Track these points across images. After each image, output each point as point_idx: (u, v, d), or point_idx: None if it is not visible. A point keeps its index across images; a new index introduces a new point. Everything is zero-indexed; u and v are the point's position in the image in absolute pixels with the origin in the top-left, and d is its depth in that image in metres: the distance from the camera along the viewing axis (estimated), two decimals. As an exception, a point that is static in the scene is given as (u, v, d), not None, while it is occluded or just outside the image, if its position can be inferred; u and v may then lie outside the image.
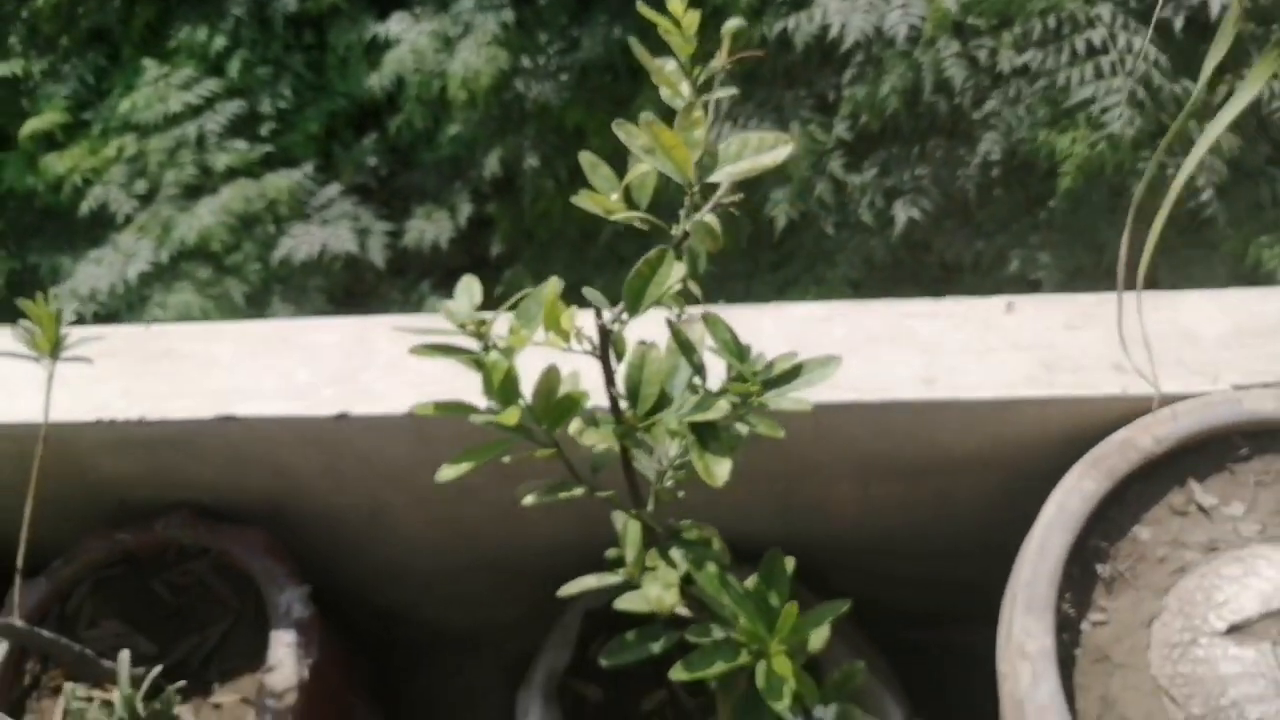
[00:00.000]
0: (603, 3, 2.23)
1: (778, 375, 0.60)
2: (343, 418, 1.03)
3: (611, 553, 0.79)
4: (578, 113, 2.16)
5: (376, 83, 2.48)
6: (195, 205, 2.65)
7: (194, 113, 2.66)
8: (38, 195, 2.90)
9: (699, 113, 0.61)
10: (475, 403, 0.87)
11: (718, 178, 0.59)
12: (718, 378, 0.70)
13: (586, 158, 0.65)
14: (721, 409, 0.60)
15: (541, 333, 0.62)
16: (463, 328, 0.68)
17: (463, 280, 0.71)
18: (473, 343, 0.67)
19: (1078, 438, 0.99)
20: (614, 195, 0.64)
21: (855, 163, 1.92)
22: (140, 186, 2.75)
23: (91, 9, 2.72)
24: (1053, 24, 1.63)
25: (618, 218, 0.62)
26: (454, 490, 1.16)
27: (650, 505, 0.72)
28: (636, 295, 0.59)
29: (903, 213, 1.76)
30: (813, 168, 1.83)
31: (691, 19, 0.61)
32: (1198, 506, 0.93)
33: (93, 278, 2.51)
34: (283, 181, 2.65)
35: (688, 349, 0.61)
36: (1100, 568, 0.91)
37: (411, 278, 2.74)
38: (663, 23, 0.60)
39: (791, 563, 0.70)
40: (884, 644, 1.24)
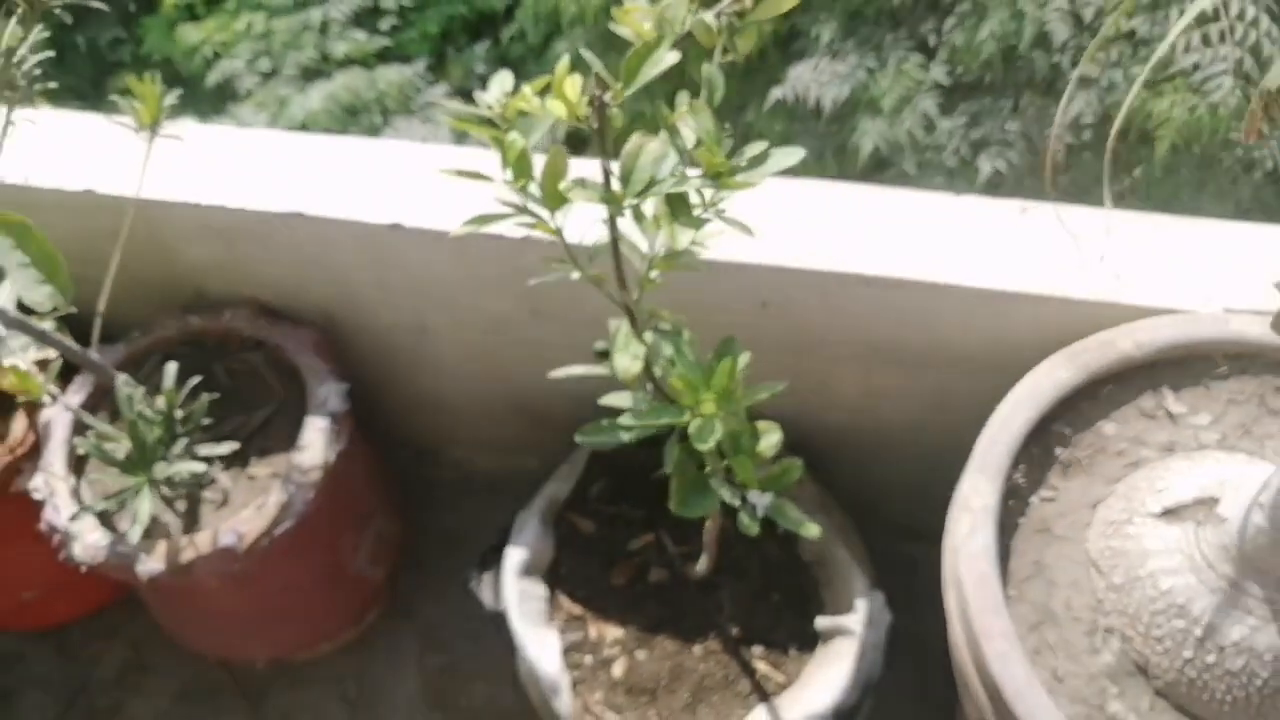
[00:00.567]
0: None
1: (748, 161, 0.68)
2: (396, 227, 1.14)
3: (598, 345, 0.87)
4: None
5: (498, -9, 2.60)
6: (310, 88, 2.81)
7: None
8: (174, 62, 3.10)
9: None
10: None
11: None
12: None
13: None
14: (694, 183, 0.68)
15: (554, 105, 0.70)
16: (490, 109, 0.77)
17: (498, 73, 0.80)
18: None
19: (1066, 344, 1.04)
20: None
21: (948, 107, 1.95)
22: (264, 64, 2.92)
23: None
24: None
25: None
26: (489, 321, 1.27)
27: (636, 294, 0.80)
28: (632, 73, 0.67)
29: (987, 164, 1.80)
30: (904, 101, 1.87)
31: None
32: (1166, 412, 0.97)
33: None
34: (393, 75, 2.79)
35: (674, 133, 0.69)
36: (1060, 451, 0.96)
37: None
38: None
39: (747, 356, 0.77)
40: (878, 555, 1.28)
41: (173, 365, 1.00)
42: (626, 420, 0.82)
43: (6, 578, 1.45)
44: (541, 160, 0.74)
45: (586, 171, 0.76)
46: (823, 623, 1.16)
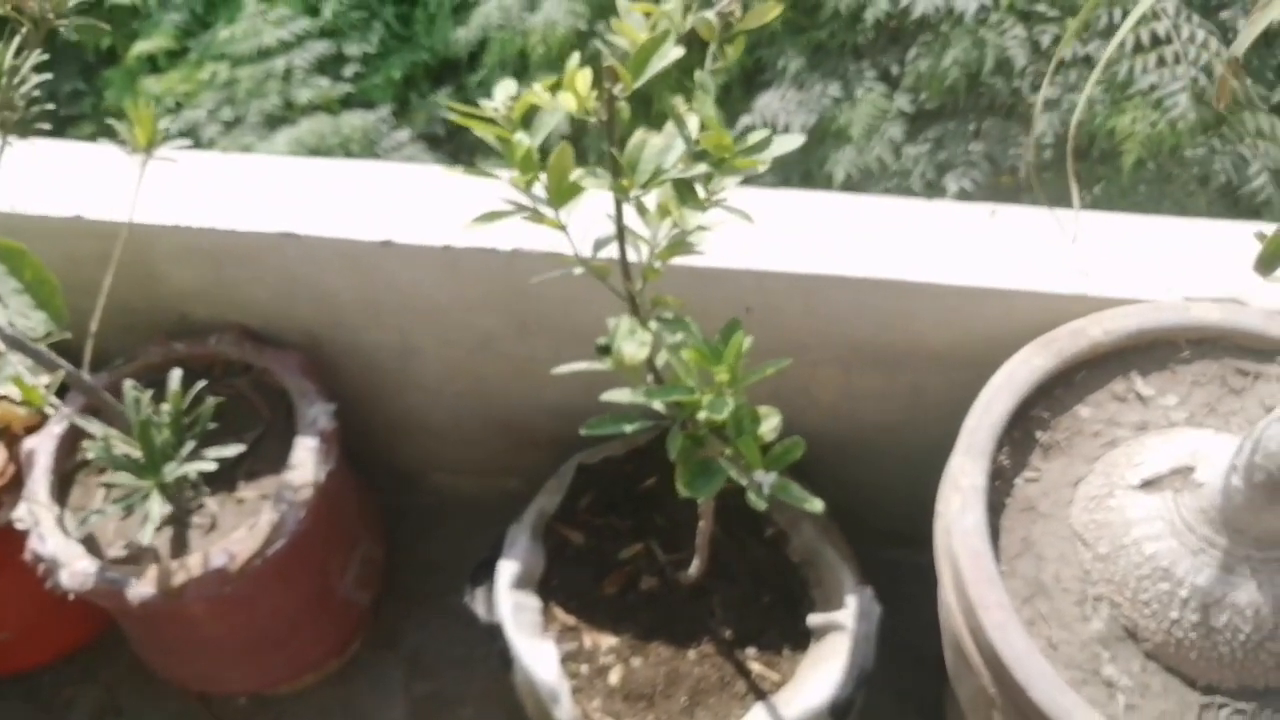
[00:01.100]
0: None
1: (750, 145, 0.72)
2: (387, 244, 1.16)
3: (601, 340, 0.90)
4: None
5: (463, 37, 2.64)
6: (275, 134, 2.83)
7: (285, 48, 2.85)
8: (134, 114, 3.10)
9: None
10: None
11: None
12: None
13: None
14: (700, 169, 0.71)
15: (565, 98, 0.74)
16: (496, 111, 0.81)
17: (502, 82, 0.84)
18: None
19: (1040, 335, 1.09)
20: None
21: (913, 133, 2.02)
22: (227, 113, 2.93)
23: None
24: (1118, 16, 1.74)
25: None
26: (477, 338, 1.29)
27: (639, 284, 0.83)
28: (640, 65, 0.71)
29: (954, 184, 1.87)
30: (872, 130, 1.94)
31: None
32: (1136, 395, 1.02)
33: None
34: (357, 121, 2.82)
35: (680, 123, 0.73)
36: (1040, 434, 1.01)
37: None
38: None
39: (749, 340, 0.81)
40: (862, 560, 1.31)
41: (177, 372, 1.01)
42: (637, 399, 0.84)
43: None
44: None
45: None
46: (815, 620, 1.18)
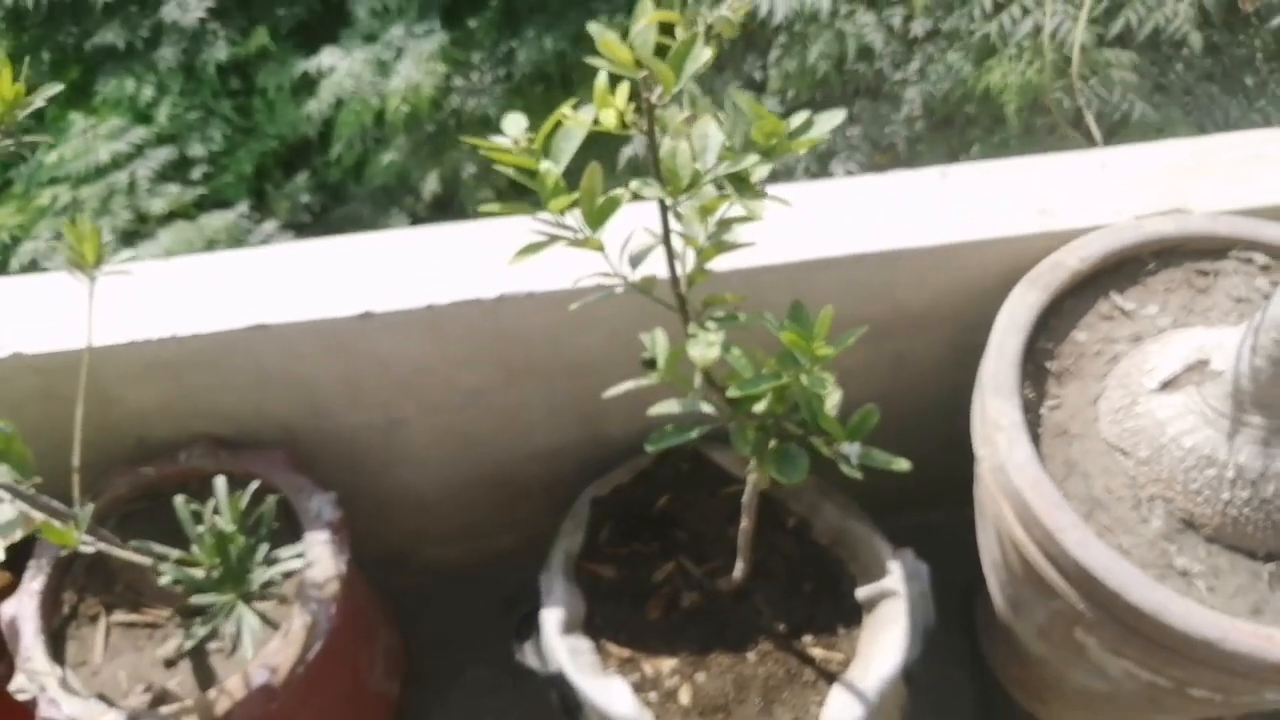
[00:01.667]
0: (532, 18, 2.39)
1: (797, 128, 0.74)
2: (366, 316, 1.13)
3: (645, 354, 0.90)
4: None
5: (314, 109, 2.58)
6: (133, 250, 2.69)
7: (126, 160, 2.71)
8: (-37, 259, 2.89)
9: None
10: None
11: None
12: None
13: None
14: (751, 158, 0.73)
15: (606, 114, 0.74)
16: (515, 143, 0.80)
17: (507, 116, 0.83)
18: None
19: (1013, 281, 1.15)
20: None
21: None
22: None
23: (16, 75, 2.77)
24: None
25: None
26: (463, 396, 1.27)
27: (685, 287, 0.84)
28: (675, 71, 0.72)
29: (840, 168, 1.95)
30: (750, 135, 2.00)
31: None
32: (1120, 311, 1.09)
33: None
34: (218, 222, 2.71)
35: (719, 121, 0.74)
36: (1049, 364, 1.06)
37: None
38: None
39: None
40: None
41: (221, 479, 0.94)
42: (691, 405, 0.84)
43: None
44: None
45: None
46: (863, 592, 1.20)
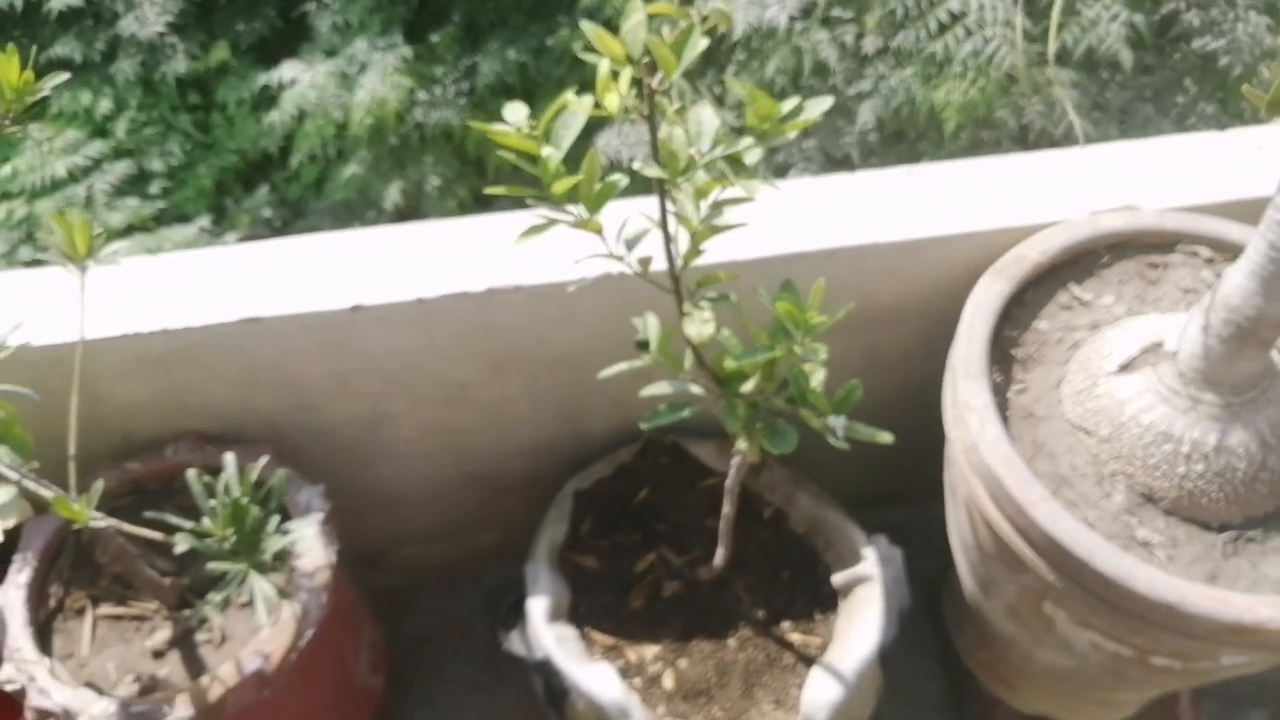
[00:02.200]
0: (494, 33, 2.44)
1: (789, 112, 0.79)
2: (357, 309, 1.15)
3: (639, 336, 0.94)
4: (479, 134, 2.34)
5: (276, 120, 2.59)
6: (88, 263, 2.66)
7: (82, 174, 2.69)
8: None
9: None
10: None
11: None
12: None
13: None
14: (746, 140, 0.78)
15: (609, 99, 0.78)
16: (519, 131, 0.84)
17: (508, 104, 0.87)
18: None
19: (977, 274, 1.21)
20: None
21: (749, 144, 2.16)
22: (25, 253, 2.74)
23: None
24: (911, 5, 1.94)
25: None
26: (449, 390, 1.29)
27: (681, 265, 0.88)
28: (675, 57, 0.76)
29: (794, 177, 2.01)
30: (713, 149, 2.06)
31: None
32: (1079, 301, 1.16)
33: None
34: (179, 236, 2.70)
35: (717, 105, 0.79)
36: (1015, 351, 1.12)
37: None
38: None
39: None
40: None
41: (230, 455, 0.96)
42: (682, 386, 0.89)
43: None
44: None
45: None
46: (839, 579, 1.25)
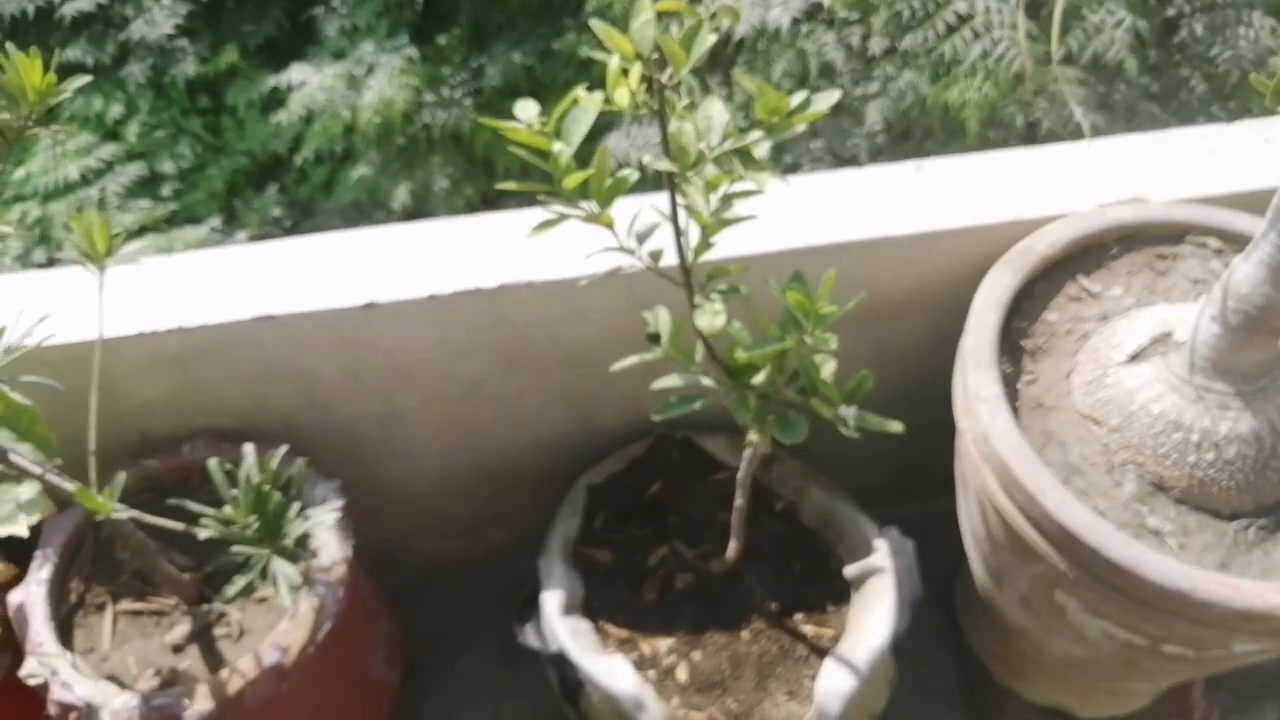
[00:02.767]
0: (501, 35, 2.45)
1: (797, 106, 0.80)
2: (370, 306, 1.16)
3: (650, 329, 0.95)
4: (487, 135, 2.35)
5: (285, 119, 2.60)
6: (101, 266, 2.68)
7: (95, 176, 2.71)
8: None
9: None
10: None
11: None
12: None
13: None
14: (755, 134, 0.78)
15: (619, 94, 0.79)
16: (530, 127, 0.85)
17: (519, 102, 0.88)
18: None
19: (986, 267, 1.22)
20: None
21: (756, 145, 2.17)
22: (40, 255, 2.76)
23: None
24: (918, 7, 1.95)
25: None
26: (463, 386, 1.30)
27: (692, 258, 0.89)
28: (683, 55, 0.77)
29: (802, 179, 2.03)
30: (719, 150, 2.07)
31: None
32: (1087, 292, 1.16)
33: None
34: (190, 235, 2.72)
35: (724, 102, 0.80)
36: (1024, 342, 1.13)
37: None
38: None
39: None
40: None
41: (250, 445, 0.97)
42: (693, 378, 0.90)
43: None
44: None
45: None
46: (852, 570, 1.25)
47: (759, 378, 0.93)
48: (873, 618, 1.20)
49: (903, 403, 1.38)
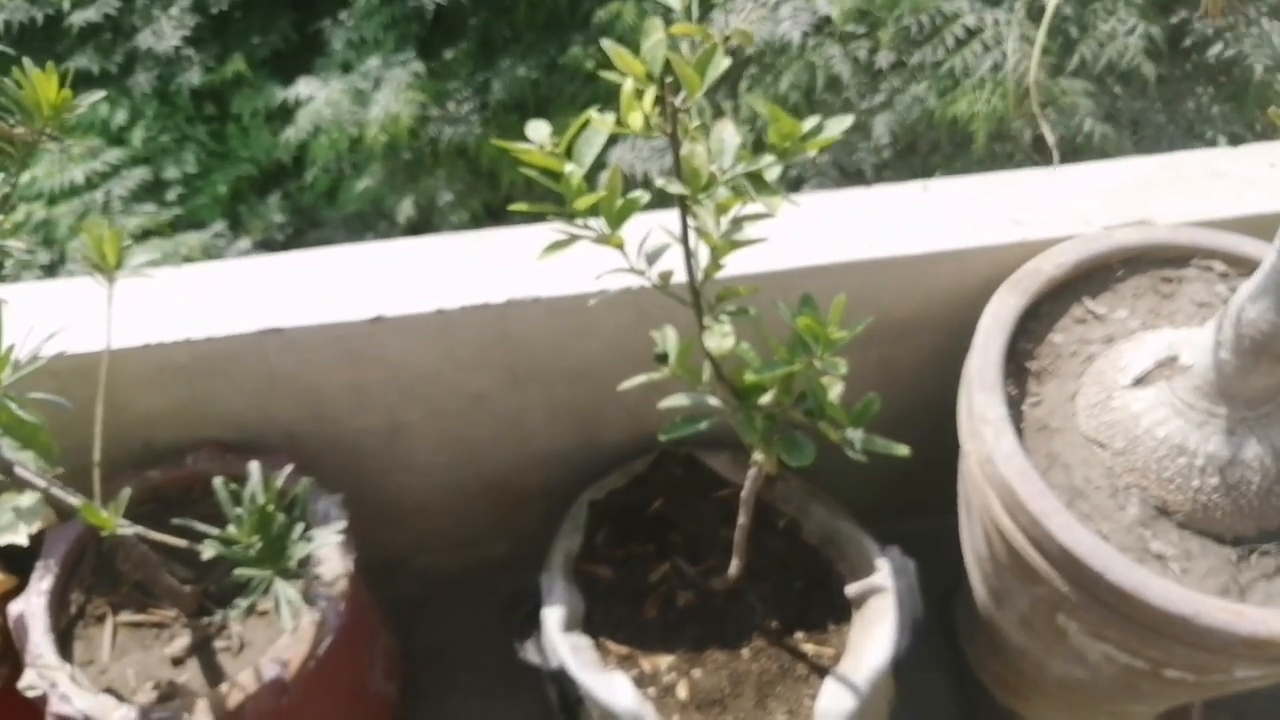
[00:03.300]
0: (507, 49, 2.46)
1: (809, 131, 0.80)
2: (377, 320, 1.16)
3: (658, 349, 0.95)
4: (492, 148, 2.36)
5: (292, 135, 2.61)
6: (105, 270, 2.68)
7: (101, 179, 2.72)
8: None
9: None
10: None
11: None
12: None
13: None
14: (767, 159, 0.79)
15: (633, 118, 0.79)
16: (541, 148, 0.85)
17: (530, 122, 0.88)
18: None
19: (992, 288, 1.22)
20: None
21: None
22: (44, 256, 2.76)
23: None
24: (925, 22, 1.95)
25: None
26: (467, 401, 1.30)
27: (701, 279, 0.89)
28: (698, 78, 0.78)
29: (808, 191, 2.03)
30: (724, 162, 2.08)
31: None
32: (1093, 315, 1.16)
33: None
34: (194, 240, 2.72)
35: (736, 124, 0.80)
36: (1029, 364, 1.13)
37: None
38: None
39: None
40: None
41: (255, 463, 0.97)
42: (700, 398, 0.90)
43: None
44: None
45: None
46: (853, 589, 1.25)
47: (766, 398, 0.93)
48: (873, 637, 1.20)
49: (905, 422, 1.38)
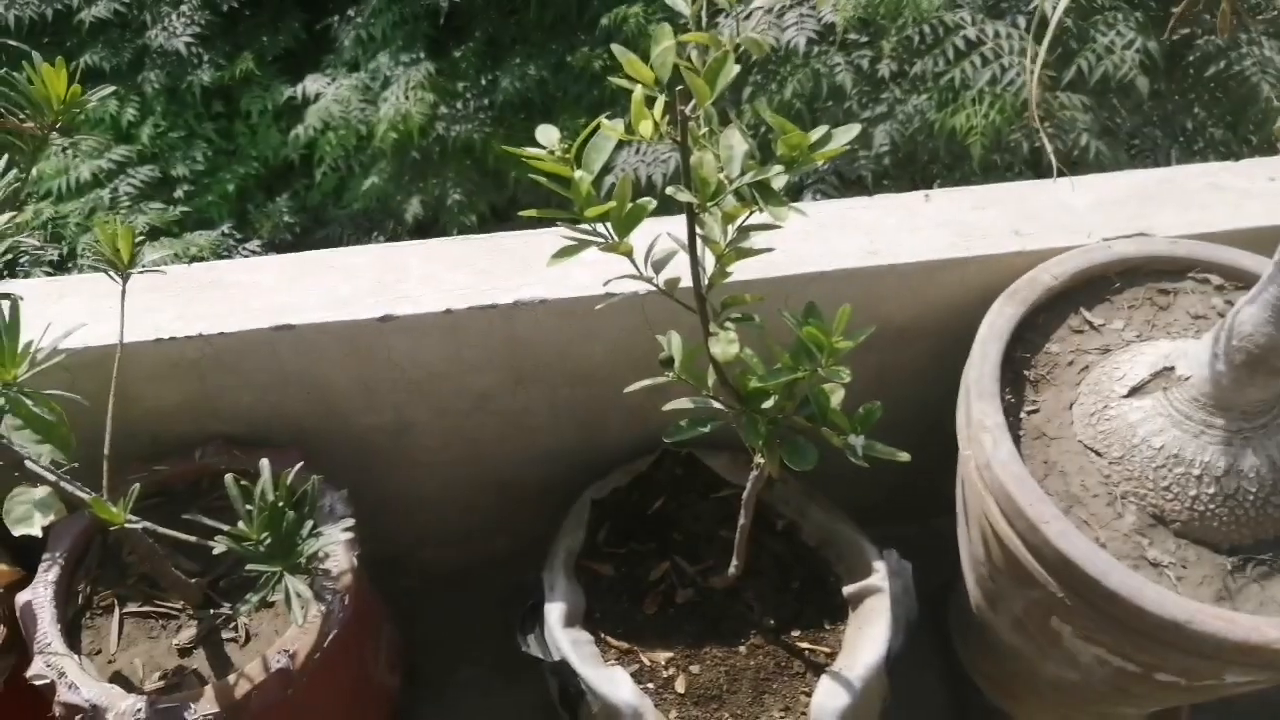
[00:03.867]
0: (515, 49, 2.48)
1: (817, 141, 0.82)
2: (386, 319, 1.18)
3: (663, 355, 0.97)
4: (499, 148, 2.38)
5: (301, 133, 2.63)
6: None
7: (107, 177, 2.73)
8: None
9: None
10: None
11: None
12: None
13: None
14: (775, 169, 0.80)
15: (644, 126, 0.81)
16: (551, 153, 0.87)
17: (540, 127, 0.90)
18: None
19: (990, 297, 1.24)
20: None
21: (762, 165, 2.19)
22: (52, 254, 2.78)
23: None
24: (928, 32, 1.97)
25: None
26: (472, 401, 1.32)
27: (707, 286, 0.91)
28: (708, 88, 0.79)
29: (809, 198, 2.04)
30: (729, 170, 2.09)
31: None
32: (1090, 325, 1.18)
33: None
34: (202, 239, 2.74)
35: (743, 134, 0.82)
36: (1027, 372, 1.15)
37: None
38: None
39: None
40: None
41: (265, 461, 0.98)
42: (703, 402, 0.92)
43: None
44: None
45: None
46: (850, 589, 1.27)
47: (769, 403, 0.95)
48: (869, 636, 1.21)
49: (904, 427, 1.40)
